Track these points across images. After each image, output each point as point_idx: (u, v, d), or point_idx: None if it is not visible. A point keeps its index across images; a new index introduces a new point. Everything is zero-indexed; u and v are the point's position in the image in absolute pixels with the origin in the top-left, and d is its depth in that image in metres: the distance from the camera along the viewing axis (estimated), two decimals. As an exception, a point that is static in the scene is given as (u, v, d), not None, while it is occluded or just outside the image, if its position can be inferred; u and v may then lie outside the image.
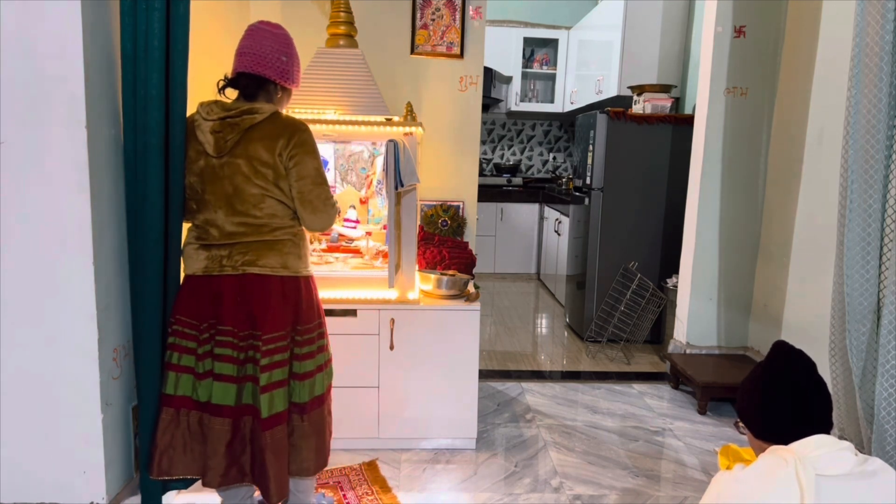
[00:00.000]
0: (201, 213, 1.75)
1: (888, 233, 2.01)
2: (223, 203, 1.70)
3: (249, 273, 1.70)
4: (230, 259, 1.71)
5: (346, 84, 2.48)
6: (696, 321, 3.40)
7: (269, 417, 1.69)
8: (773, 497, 1.20)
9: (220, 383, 1.71)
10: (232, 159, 1.68)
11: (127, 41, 1.68)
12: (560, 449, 2.60)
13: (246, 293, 1.70)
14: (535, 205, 5.83)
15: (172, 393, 1.73)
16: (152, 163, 1.72)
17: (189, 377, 1.73)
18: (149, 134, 1.71)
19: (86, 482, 1.81)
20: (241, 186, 1.68)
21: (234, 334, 1.70)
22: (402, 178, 2.23)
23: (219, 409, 1.70)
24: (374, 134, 2.46)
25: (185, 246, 1.80)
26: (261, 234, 1.72)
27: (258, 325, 1.70)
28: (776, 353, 1.40)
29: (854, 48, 2.04)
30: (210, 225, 1.73)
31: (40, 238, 1.72)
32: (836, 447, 1.25)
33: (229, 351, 1.71)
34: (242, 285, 1.70)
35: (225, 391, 1.70)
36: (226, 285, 1.71)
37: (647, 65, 4.40)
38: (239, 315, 1.70)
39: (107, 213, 1.81)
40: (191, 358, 1.73)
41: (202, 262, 1.73)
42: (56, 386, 1.77)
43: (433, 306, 2.43)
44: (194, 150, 1.73)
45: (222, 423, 1.70)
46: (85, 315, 1.75)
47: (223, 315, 1.70)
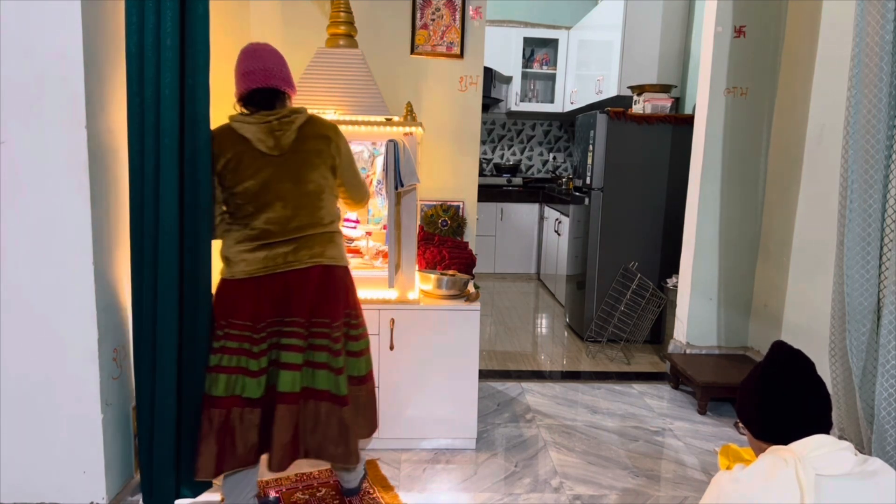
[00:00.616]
0: (261, 214, 1.77)
1: (888, 233, 2.01)
2: (287, 200, 1.78)
3: (319, 265, 1.82)
4: (295, 254, 1.79)
5: (346, 84, 2.48)
6: (696, 321, 3.40)
7: (344, 396, 1.86)
8: (773, 497, 1.20)
9: (287, 372, 1.79)
10: (292, 156, 1.78)
11: (132, 40, 1.67)
12: (560, 449, 2.60)
13: (315, 284, 1.81)
14: (535, 205, 5.83)
15: (223, 395, 1.76)
16: (166, 164, 1.71)
17: (240, 377, 1.77)
18: (162, 134, 1.69)
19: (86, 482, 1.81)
20: (302, 181, 1.79)
21: (302, 325, 1.79)
22: (402, 178, 2.23)
23: (284, 396, 1.79)
24: (374, 134, 2.46)
25: (233, 250, 1.79)
26: (323, 227, 1.84)
27: (328, 312, 1.83)
28: (775, 354, 1.40)
29: (854, 48, 2.04)
30: (272, 223, 1.77)
31: (40, 238, 1.72)
32: (836, 447, 1.25)
33: (297, 341, 1.79)
34: (310, 278, 1.80)
35: (293, 379, 1.79)
36: (293, 280, 1.79)
37: (647, 65, 4.39)
38: (308, 306, 1.80)
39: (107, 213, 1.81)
40: (242, 358, 1.77)
41: (261, 263, 1.77)
42: (56, 386, 1.78)
43: (433, 306, 2.43)
44: (247, 155, 1.75)
45: (289, 409, 1.79)
46: (85, 315, 1.75)
47: (291, 309, 1.78)
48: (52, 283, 1.74)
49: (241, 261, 1.77)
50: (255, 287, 1.77)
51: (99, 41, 1.74)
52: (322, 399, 1.83)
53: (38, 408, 1.78)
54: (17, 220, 1.72)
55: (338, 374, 1.85)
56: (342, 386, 1.86)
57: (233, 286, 1.79)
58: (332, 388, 1.84)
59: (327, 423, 1.84)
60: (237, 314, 1.77)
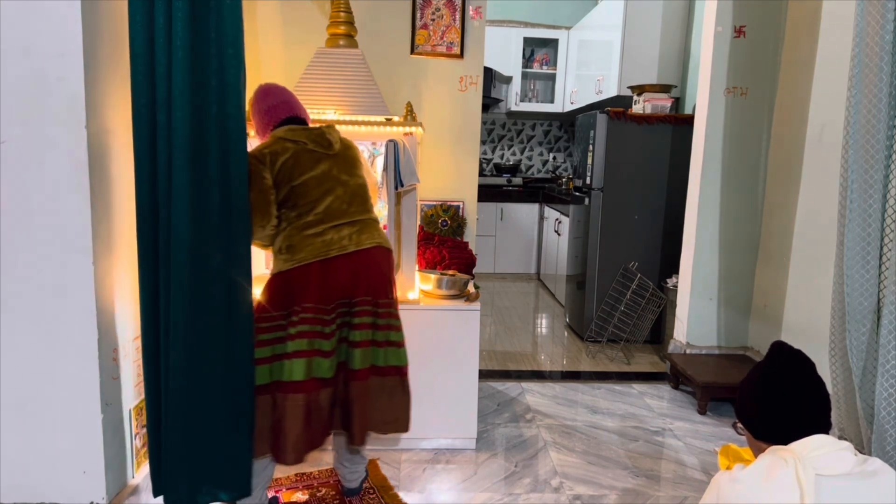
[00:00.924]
0: (325, 199, 1.89)
1: (888, 233, 2.01)
2: (346, 187, 1.93)
3: (381, 246, 1.95)
4: (359, 235, 1.91)
5: (346, 84, 2.48)
6: (696, 321, 3.40)
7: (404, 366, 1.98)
8: (772, 497, 1.20)
9: (359, 349, 1.87)
10: (343, 153, 1.99)
11: (137, 41, 1.66)
12: (560, 449, 2.60)
13: (378, 265, 1.93)
14: (535, 205, 5.83)
15: (303, 378, 1.80)
16: (177, 164, 1.69)
17: (315, 359, 1.82)
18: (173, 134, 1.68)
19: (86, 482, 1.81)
20: (354, 175, 1.98)
21: (370, 303, 1.89)
22: (402, 178, 2.23)
23: (357, 373, 1.87)
24: (374, 134, 2.46)
25: (297, 237, 1.85)
26: (370, 214, 2.00)
27: (389, 292, 1.96)
28: (774, 354, 1.40)
29: (854, 48, 2.04)
30: (335, 208, 1.89)
31: (40, 238, 1.72)
32: (836, 447, 1.24)
33: (367, 319, 1.89)
34: (374, 258, 1.92)
35: (363, 356, 1.88)
36: (360, 260, 1.88)
37: (647, 65, 4.40)
38: (374, 286, 1.91)
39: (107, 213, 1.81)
40: (316, 341, 1.81)
41: (328, 245, 1.84)
42: (56, 386, 1.77)
43: (433, 306, 2.43)
44: (304, 154, 1.90)
45: (363, 386, 1.88)
46: (85, 315, 1.75)
47: (360, 288, 1.88)
48: (52, 283, 1.74)
49: (308, 245, 1.84)
50: (322, 269, 1.83)
51: (99, 41, 1.74)
52: (388, 374, 1.93)
53: (38, 408, 1.78)
54: (17, 220, 1.71)
55: (399, 348, 1.97)
56: (404, 357, 1.98)
57: (299, 272, 1.83)
58: (395, 361, 1.95)
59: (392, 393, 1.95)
60: (307, 297, 1.82)
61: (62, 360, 1.76)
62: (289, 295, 1.83)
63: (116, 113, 1.84)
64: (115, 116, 1.84)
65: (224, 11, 1.68)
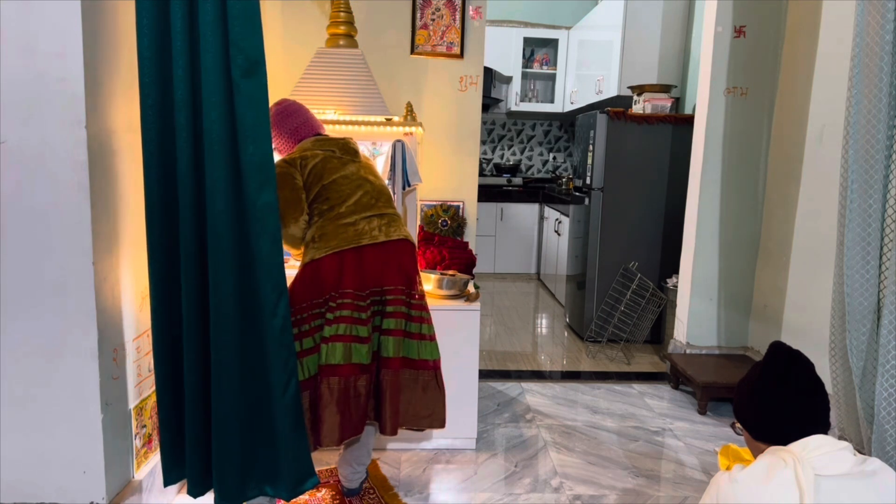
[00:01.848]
0: (356, 193, 1.98)
1: (888, 233, 2.01)
2: (372, 185, 2.02)
3: (408, 239, 2.02)
4: (388, 227, 1.97)
5: (346, 84, 2.48)
6: (696, 321, 3.40)
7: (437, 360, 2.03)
8: (772, 497, 1.20)
9: (391, 338, 1.92)
10: (364, 162, 2.11)
11: (144, 42, 1.66)
12: (560, 449, 2.60)
13: (407, 256, 1.99)
14: (535, 205, 5.83)
15: (342, 362, 1.84)
16: (182, 164, 1.69)
17: (353, 345, 1.86)
18: (211, 139, 1.67)
19: (86, 482, 1.81)
20: (377, 176, 2.10)
21: (402, 292, 1.94)
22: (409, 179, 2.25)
23: (389, 362, 1.92)
24: (374, 134, 2.46)
25: (329, 227, 1.92)
26: (396, 211, 2.08)
27: (417, 284, 2.01)
28: (773, 354, 1.40)
29: (854, 48, 2.04)
30: (365, 201, 1.97)
31: (40, 238, 1.72)
32: (835, 447, 1.24)
33: (400, 308, 1.94)
34: (403, 249, 1.98)
35: (395, 345, 1.93)
36: (391, 249, 1.95)
37: (647, 65, 4.40)
38: (404, 276, 1.96)
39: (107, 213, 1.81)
40: (353, 326, 1.86)
41: (360, 234, 1.91)
42: (56, 386, 1.77)
43: (433, 306, 2.42)
44: (332, 158, 2.01)
45: (395, 374, 1.93)
46: (85, 315, 1.75)
47: (390, 277, 1.93)
48: (52, 283, 1.74)
49: (341, 233, 1.90)
50: (356, 256, 1.89)
51: (99, 41, 1.74)
52: (422, 368, 1.99)
53: (38, 408, 1.78)
54: (17, 220, 1.72)
55: (431, 341, 2.01)
56: (435, 351, 2.03)
57: (331, 260, 1.88)
58: (427, 355, 2.00)
59: (424, 390, 2.01)
60: (344, 283, 1.87)
61: (62, 360, 1.76)
62: (322, 282, 1.87)
63: (117, 113, 1.84)
64: (116, 117, 1.84)
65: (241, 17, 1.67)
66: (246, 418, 1.79)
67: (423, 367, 1.99)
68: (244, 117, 1.71)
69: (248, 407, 1.79)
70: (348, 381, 1.86)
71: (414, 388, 1.99)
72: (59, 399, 1.78)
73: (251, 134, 1.71)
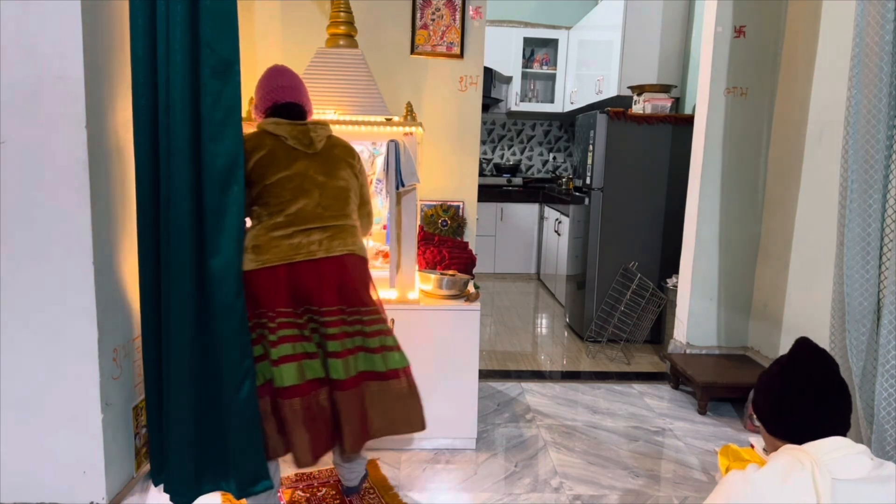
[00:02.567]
0: (298, 200, 1.83)
1: (888, 233, 2.01)
2: (322, 190, 1.87)
3: (353, 254, 1.88)
4: (331, 241, 1.84)
5: (346, 84, 2.48)
6: (696, 321, 3.40)
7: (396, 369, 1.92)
8: (788, 499, 1.18)
9: (336, 360, 1.81)
10: (324, 153, 1.91)
11: (139, 44, 1.66)
12: (560, 449, 2.60)
13: (351, 272, 1.86)
14: (535, 205, 5.83)
15: (298, 382, 1.78)
16: (176, 164, 1.69)
17: (305, 361, 1.80)
18: (171, 137, 1.68)
19: (86, 482, 1.81)
20: (334, 176, 1.90)
21: (343, 312, 1.83)
22: (403, 178, 2.23)
23: (339, 383, 1.82)
24: (374, 134, 2.46)
25: (264, 238, 1.79)
26: (348, 219, 1.92)
27: (367, 299, 1.89)
28: (797, 350, 1.37)
29: (854, 48, 2.04)
30: (308, 210, 1.83)
31: (40, 238, 1.72)
32: (853, 450, 1.22)
33: (341, 329, 1.82)
34: (346, 266, 1.85)
35: (344, 366, 1.82)
36: (327, 268, 1.82)
37: (647, 65, 4.40)
38: (346, 293, 1.84)
39: (107, 213, 1.81)
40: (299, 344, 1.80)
41: (295, 249, 1.79)
42: (56, 386, 1.77)
43: (433, 306, 2.43)
44: (281, 150, 1.86)
45: (347, 396, 1.83)
46: (85, 315, 1.75)
47: (325, 297, 1.80)
48: (52, 283, 1.74)
49: (275, 247, 1.78)
50: (288, 273, 1.78)
51: (99, 41, 1.74)
52: (385, 378, 1.90)
53: (38, 408, 1.78)
54: (17, 220, 1.72)
55: (395, 351, 1.93)
56: (403, 360, 1.94)
57: (265, 275, 1.78)
58: (394, 365, 1.92)
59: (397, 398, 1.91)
60: (279, 302, 1.79)
61: (62, 360, 1.76)
62: (255, 298, 1.78)
63: (116, 113, 1.84)
64: (116, 116, 1.84)
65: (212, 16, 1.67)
66: (199, 415, 1.81)
67: (393, 377, 1.91)
68: (210, 118, 1.71)
69: (202, 404, 1.80)
70: (309, 398, 1.80)
71: (385, 399, 1.90)
72: (59, 399, 1.78)
73: (218, 134, 1.71)
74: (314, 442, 1.81)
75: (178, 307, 1.74)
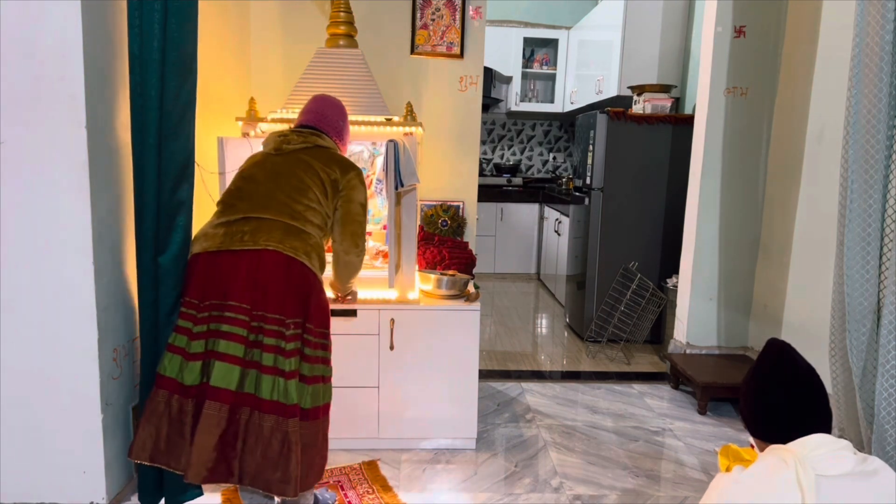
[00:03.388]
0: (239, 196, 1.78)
1: (888, 233, 2.01)
2: (267, 185, 1.79)
3: (276, 251, 1.67)
4: (253, 235, 1.68)
5: (346, 84, 2.48)
6: (696, 321, 3.40)
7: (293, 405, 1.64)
8: (773, 498, 1.20)
9: (223, 364, 1.62)
10: (290, 156, 1.86)
11: (135, 42, 1.68)
12: (560, 449, 2.60)
13: (267, 272, 1.66)
14: (535, 205, 5.83)
15: (165, 374, 1.66)
16: (148, 161, 1.73)
17: (179, 358, 1.66)
18: (145, 133, 1.71)
19: (86, 482, 1.81)
20: (289, 176, 1.81)
21: (246, 312, 1.64)
22: (403, 178, 2.23)
23: (215, 392, 1.60)
24: (374, 134, 2.46)
25: (204, 229, 1.77)
26: (294, 222, 1.74)
27: (280, 307, 1.65)
28: (764, 352, 1.40)
29: (854, 48, 2.04)
30: (242, 202, 1.76)
31: (40, 238, 1.72)
32: (835, 446, 1.24)
33: (239, 330, 1.63)
34: (263, 262, 1.66)
35: (228, 373, 1.61)
36: (243, 260, 1.66)
37: (647, 65, 4.39)
38: (256, 294, 1.65)
39: (107, 213, 1.81)
40: (183, 338, 1.67)
41: (219, 238, 1.70)
42: (56, 386, 1.78)
43: (433, 306, 2.43)
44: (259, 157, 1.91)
45: (218, 408, 1.61)
46: (85, 315, 1.75)
47: (234, 292, 1.64)
48: (52, 283, 1.74)
49: (203, 236, 1.74)
50: (205, 263, 1.69)
51: (99, 41, 1.74)
52: (266, 411, 1.62)
53: (38, 408, 1.78)
54: (17, 221, 1.72)
55: (287, 379, 1.64)
56: (292, 393, 1.64)
57: (190, 262, 1.75)
58: (280, 397, 1.63)
59: (269, 440, 1.62)
60: (187, 291, 1.72)
61: (62, 360, 1.76)
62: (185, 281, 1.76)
63: (116, 113, 1.84)
64: (116, 116, 1.84)
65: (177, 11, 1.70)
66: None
67: (271, 412, 1.62)
68: (170, 115, 1.75)
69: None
70: (170, 397, 1.65)
71: (259, 437, 1.61)
72: (59, 399, 1.78)
73: (174, 132, 1.76)
74: (157, 443, 1.64)
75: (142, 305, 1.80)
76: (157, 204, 1.77)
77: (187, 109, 1.78)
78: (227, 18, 2.71)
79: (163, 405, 1.66)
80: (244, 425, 1.62)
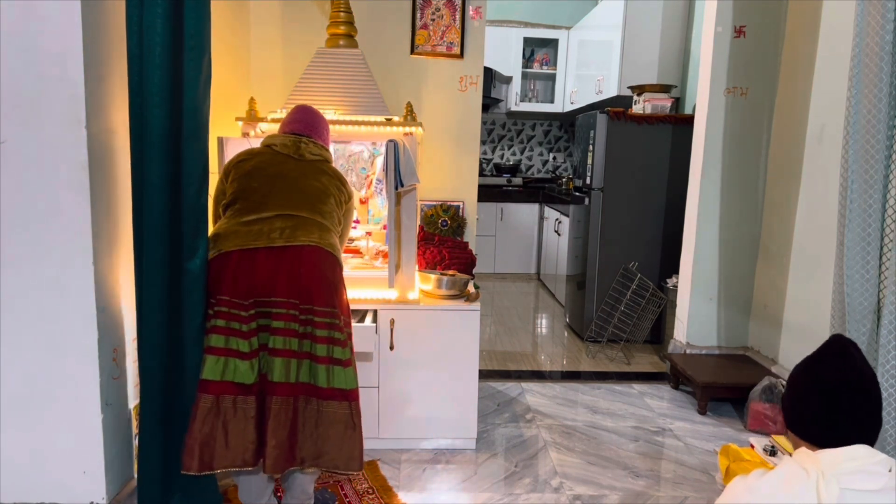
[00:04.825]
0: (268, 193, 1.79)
1: (888, 233, 2.01)
2: (296, 186, 1.83)
3: (316, 246, 1.75)
4: (293, 231, 1.74)
5: (346, 84, 2.48)
6: (696, 321, 3.40)
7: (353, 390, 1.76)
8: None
9: (280, 359, 1.69)
10: (309, 161, 1.91)
11: (133, 41, 1.67)
12: (560, 449, 2.60)
13: (310, 267, 1.73)
14: (535, 205, 5.83)
15: (212, 378, 1.67)
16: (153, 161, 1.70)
17: (230, 360, 1.68)
18: (148, 132, 1.69)
19: (86, 482, 1.81)
20: (313, 178, 1.87)
21: (295, 307, 1.70)
22: (402, 178, 2.23)
23: (277, 387, 1.70)
24: (374, 134, 2.46)
25: (225, 225, 1.78)
26: (322, 219, 1.82)
27: (326, 300, 1.73)
28: (824, 347, 1.31)
29: (854, 48, 2.04)
30: (275, 201, 1.78)
31: (40, 238, 1.72)
32: (870, 460, 1.15)
33: (291, 325, 1.70)
34: (305, 258, 1.73)
35: (286, 367, 1.70)
36: (286, 257, 1.72)
37: (647, 65, 4.39)
38: (302, 289, 1.71)
39: (107, 213, 1.81)
40: (232, 339, 1.68)
41: (254, 235, 1.72)
42: (56, 386, 1.77)
43: (433, 306, 2.43)
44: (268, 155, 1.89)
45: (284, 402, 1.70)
46: (85, 315, 1.75)
47: (280, 288, 1.69)
48: (52, 283, 1.74)
49: (234, 233, 1.73)
50: (240, 259, 1.69)
51: (99, 41, 1.74)
52: (325, 398, 1.72)
53: (38, 408, 1.78)
54: (17, 221, 1.72)
55: (345, 367, 1.75)
56: (350, 379, 1.75)
57: (218, 261, 1.72)
58: (340, 384, 1.74)
59: (334, 422, 1.73)
60: (220, 289, 1.69)
61: (62, 360, 1.76)
62: (210, 286, 1.74)
63: (116, 113, 1.84)
64: (116, 116, 1.84)
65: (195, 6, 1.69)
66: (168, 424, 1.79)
67: (331, 398, 1.72)
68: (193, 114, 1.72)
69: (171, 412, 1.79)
70: (221, 400, 1.66)
71: (318, 422, 1.72)
72: (59, 399, 1.78)
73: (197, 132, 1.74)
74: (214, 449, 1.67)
75: (148, 308, 1.74)
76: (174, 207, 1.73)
77: (208, 109, 1.76)
78: (225, 18, 2.71)
79: (216, 410, 1.67)
80: (302, 412, 1.72)
